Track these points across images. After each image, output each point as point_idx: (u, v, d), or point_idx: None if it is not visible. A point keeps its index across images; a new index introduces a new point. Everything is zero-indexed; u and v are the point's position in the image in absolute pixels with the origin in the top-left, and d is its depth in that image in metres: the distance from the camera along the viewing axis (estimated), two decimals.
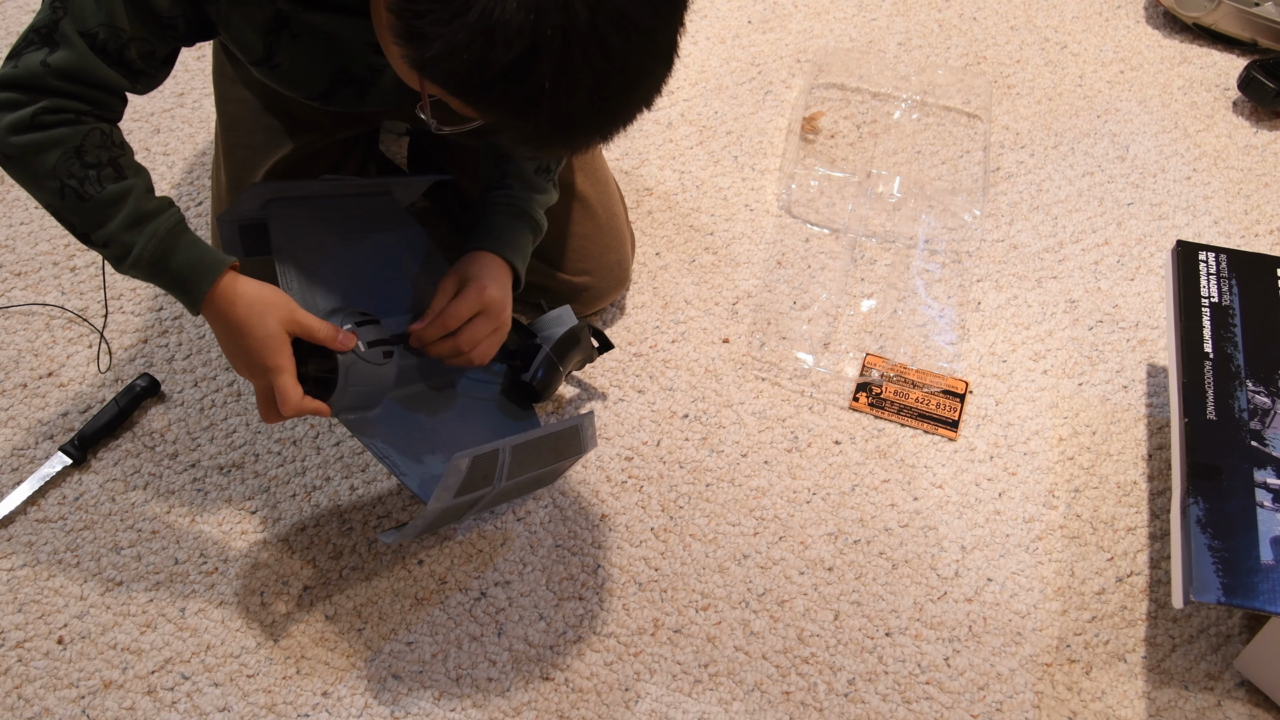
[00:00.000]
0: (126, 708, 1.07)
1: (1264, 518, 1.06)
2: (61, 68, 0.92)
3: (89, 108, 0.96)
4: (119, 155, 0.97)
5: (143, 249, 0.97)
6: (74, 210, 0.96)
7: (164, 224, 0.97)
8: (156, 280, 0.99)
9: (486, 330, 1.11)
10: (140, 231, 0.97)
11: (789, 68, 1.69)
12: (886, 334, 1.38)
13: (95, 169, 0.95)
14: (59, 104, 0.94)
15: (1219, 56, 1.74)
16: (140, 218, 0.97)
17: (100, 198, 0.95)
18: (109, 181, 0.95)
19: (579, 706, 1.09)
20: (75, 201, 0.95)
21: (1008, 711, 1.10)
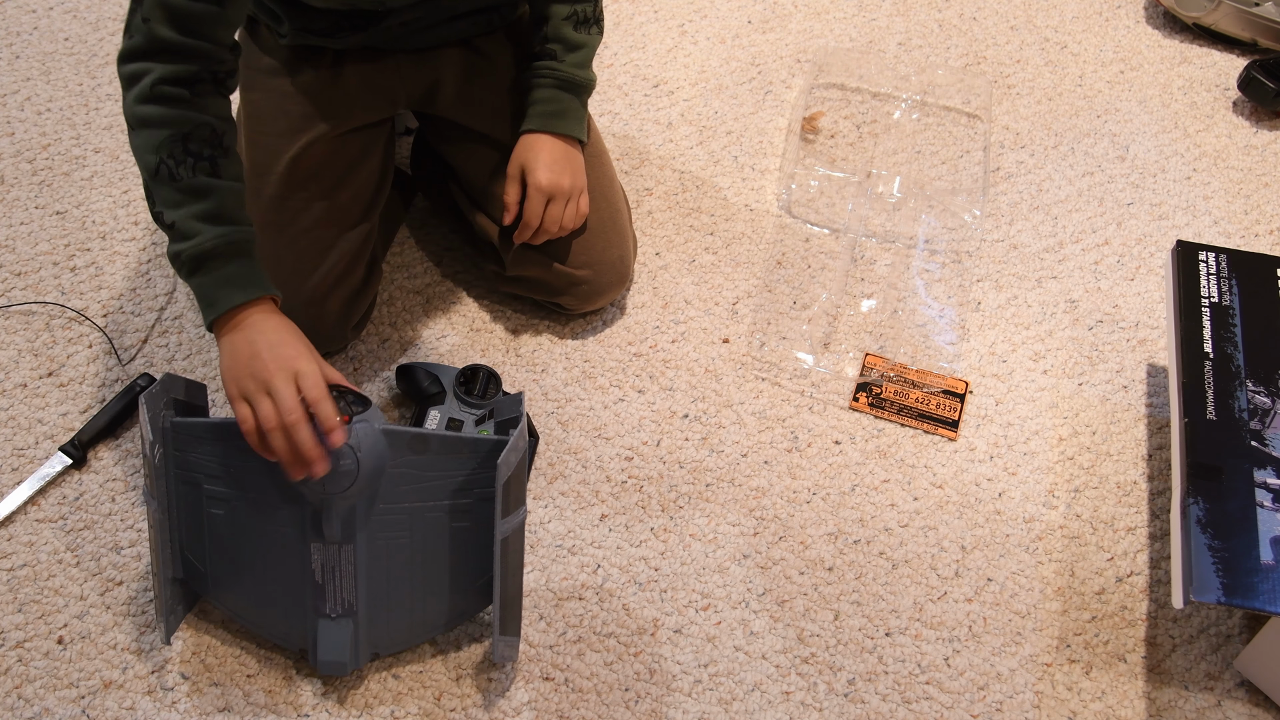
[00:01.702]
0: (126, 708, 1.07)
1: (1264, 518, 1.06)
2: (154, 14, 0.97)
3: (198, 67, 1.00)
4: (220, 156, 1.02)
5: (206, 239, 0.99)
6: (161, 184, 1.00)
7: (239, 233, 1.01)
8: (201, 275, 1.01)
9: (560, 210, 1.20)
10: (214, 226, 1.00)
11: (789, 68, 1.69)
12: (886, 334, 1.38)
13: (194, 159, 1.00)
14: (173, 72, 0.99)
15: (1219, 56, 1.74)
16: (220, 216, 1.01)
17: (189, 183, 1.00)
18: (203, 174, 1.00)
19: (579, 706, 1.09)
20: (167, 179, 1.00)
21: (1008, 711, 1.10)
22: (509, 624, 1.05)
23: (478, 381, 1.24)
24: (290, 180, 1.21)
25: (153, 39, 0.99)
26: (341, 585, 1.04)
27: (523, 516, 1.03)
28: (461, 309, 1.38)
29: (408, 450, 1.02)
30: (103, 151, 1.52)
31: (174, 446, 1.05)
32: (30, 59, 1.63)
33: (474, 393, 1.22)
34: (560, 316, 1.38)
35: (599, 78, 1.67)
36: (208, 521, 1.07)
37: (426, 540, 1.06)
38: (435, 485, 1.04)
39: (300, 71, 1.22)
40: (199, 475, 1.05)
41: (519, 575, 1.06)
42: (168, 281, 1.39)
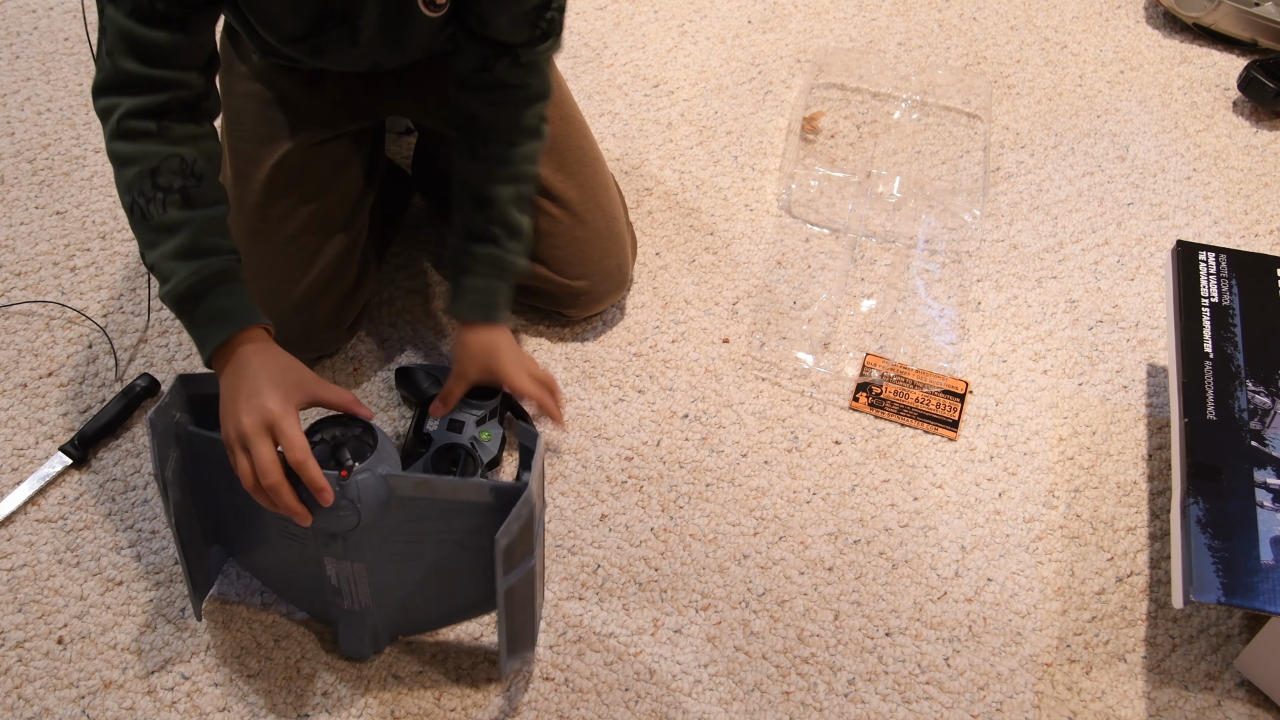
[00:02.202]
0: (126, 708, 1.07)
1: (1264, 518, 1.06)
2: (117, 47, 0.95)
3: (166, 96, 0.97)
4: (192, 186, 0.98)
5: (180, 280, 0.96)
6: (137, 226, 0.98)
7: (212, 265, 0.97)
8: (185, 317, 0.98)
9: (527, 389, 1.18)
10: (186, 264, 0.96)
11: (789, 68, 1.69)
12: (886, 334, 1.38)
13: (164, 193, 0.96)
14: (139, 105, 0.96)
15: (1219, 56, 1.74)
16: (192, 251, 0.97)
17: (160, 220, 0.96)
18: (173, 208, 0.97)
19: (579, 706, 1.09)
20: (140, 219, 0.97)
21: (1008, 711, 1.10)
22: (515, 647, 1.05)
23: None
24: (272, 187, 1.20)
25: (118, 72, 0.96)
26: (356, 590, 1.04)
27: (531, 565, 1.00)
28: None
29: (413, 493, 0.99)
30: (103, 151, 1.52)
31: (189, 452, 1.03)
32: (30, 59, 1.63)
33: (475, 393, 1.21)
34: (559, 318, 1.38)
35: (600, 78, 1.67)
36: (225, 519, 1.07)
37: (439, 559, 1.04)
38: (445, 521, 1.01)
39: (280, 80, 1.21)
40: (215, 481, 1.04)
41: (530, 605, 1.04)
42: None
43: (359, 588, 1.04)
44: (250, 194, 1.20)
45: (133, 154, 0.97)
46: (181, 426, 1.02)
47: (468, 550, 1.03)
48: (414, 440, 1.20)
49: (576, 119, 1.32)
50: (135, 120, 0.97)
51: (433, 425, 1.20)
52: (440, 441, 1.16)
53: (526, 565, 0.99)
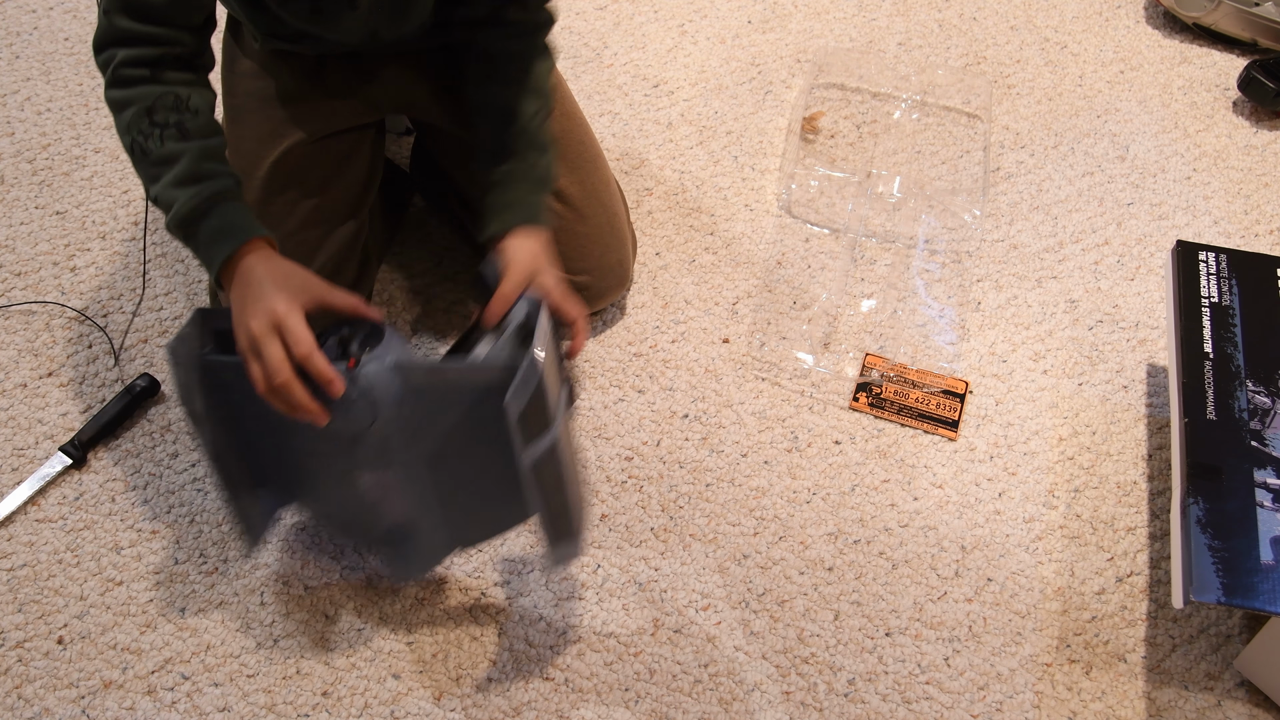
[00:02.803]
0: (126, 708, 1.07)
1: (1264, 518, 1.06)
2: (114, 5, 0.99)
3: (160, 51, 1.01)
4: (188, 119, 1.01)
5: (182, 204, 0.99)
6: (139, 164, 1.01)
7: (211, 187, 1.00)
8: (190, 242, 1.00)
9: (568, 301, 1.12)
10: (187, 189, 0.99)
11: (789, 68, 1.69)
12: (886, 334, 1.38)
13: (160, 128, 1.00)
14: (133, 55, 1.00)
15: (1219, 56, 1.74)
16: (191, 177, 1.00)
17: (159, 154, 1.00)
18: (171, 140, 1.00)
19: (579, 706, 1.09)
20: (140, 156, 1.01)
21: (1008, 711, 1.10)
22: (561, 532, 0.99)
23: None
24: (272, 184, 1.20)
25: (113, 28, 1.00)
26: (393, 503, 1.00)
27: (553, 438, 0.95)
28: (461, 308, 1.38)
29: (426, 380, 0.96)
30: (103, 151, 1.52)
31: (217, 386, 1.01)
32: (30, 59, 1.63)
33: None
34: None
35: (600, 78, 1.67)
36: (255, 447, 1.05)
37: (472, 459, 1.00)
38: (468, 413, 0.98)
39: (281, 75, 1.21)
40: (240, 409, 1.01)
41: (562, 486, 0.98)
42: (167, 282, 1.39)
43: (395, 500, 1.00)
44: (251, 190, 1.20)
45: (129, 97, 1.00)
46: (203, 357, 1.00)
47: (498, 446, 0.98)
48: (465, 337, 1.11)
49: (577, 115, 1.32)
50: (129, 68, 1.00)
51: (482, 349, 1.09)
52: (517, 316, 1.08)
53: (548, 438, 0.94)
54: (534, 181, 1.17)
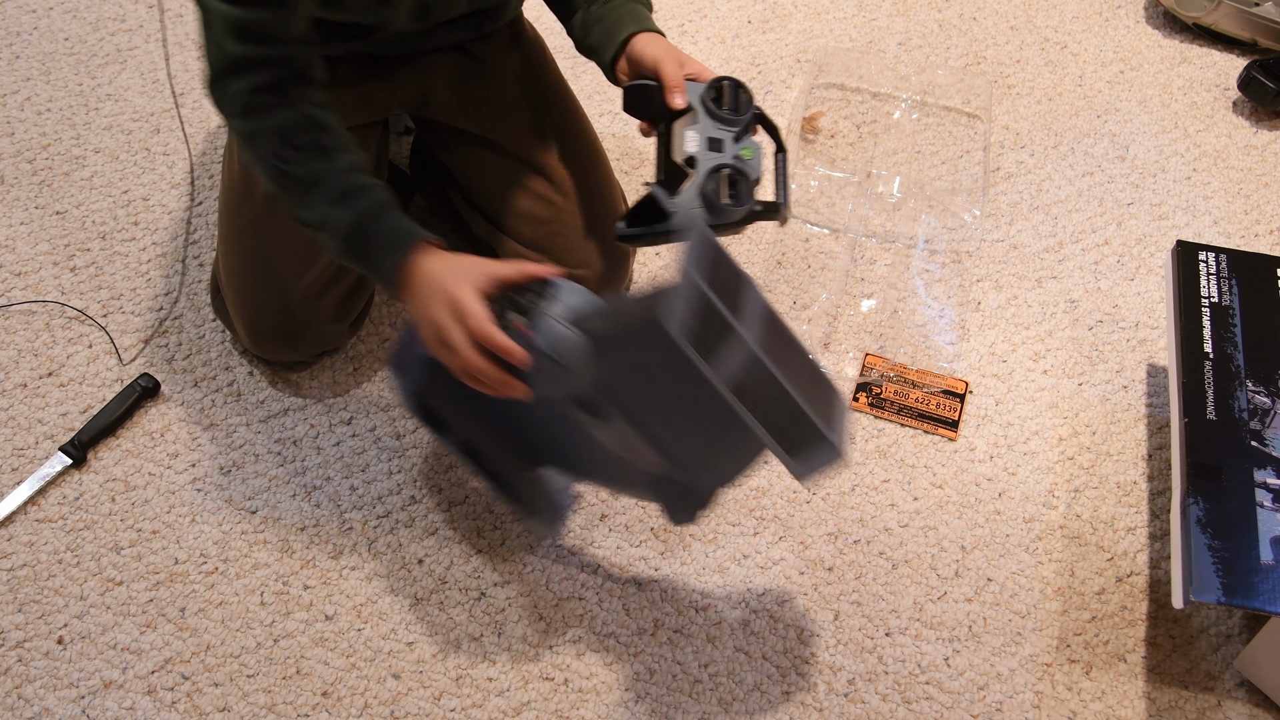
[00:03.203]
0: (126, 708, 1.07)
1: (1264, 518, 1.06)
2: (224, 35, 0.98)
3: (283, 70, 1.00)
4: (325, 136, 1.01)
5: (342, 222, 0.99)
6: (283, 191, 1.02)
7: (366, 199, 1.00)
8: (358, 259, 1.00)
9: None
10: (342, 208, 1.00)
11: (789, 68, 1.69)
12: (886, 334, 1.38)
13: (299, 150, 1.00)
14: (254, 83, 1.00)
15: (1219, 56, 1.74)
16: (344, 194, 1.00)
17: (304, 177, 1.00)
18: (314, 161, 1.00)
19: (579, 706, 1.09)
20: (285, 182, 1.01)
21: (1008, 711, 1.10)
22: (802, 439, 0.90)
23: (725, 94, 1.09)
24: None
25: (228, 58, 0.99)
26: (641, 453, 0.97)
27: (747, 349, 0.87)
28: None
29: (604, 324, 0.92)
30: (103, 151, 1.52)
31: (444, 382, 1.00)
32: (30, 59, 1.63)
33: (724, 105, 1.09)
34: None
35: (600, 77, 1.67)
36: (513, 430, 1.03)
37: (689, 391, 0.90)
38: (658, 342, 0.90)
39: None
40: (478, 400, 0.99)
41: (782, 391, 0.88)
42: (167, 281, 1.39)
43: (640, 450, 0.96)
44: (259, 186, 1.21)
45: (261, 126, 1.01)
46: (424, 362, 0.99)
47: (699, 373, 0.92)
48: (669, 167, 1.08)
49: (579, 110, 1.33)
50: (255, 96, 1.00)
51: (691, 146, 1.07)
52: (708, 162, 1.06)
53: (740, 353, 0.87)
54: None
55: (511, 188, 1.29)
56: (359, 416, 1.28)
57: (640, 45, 1.11)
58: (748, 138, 1.10)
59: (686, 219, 1.03)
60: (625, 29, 1.12)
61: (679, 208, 1.04)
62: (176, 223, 1.45)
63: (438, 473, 1.24)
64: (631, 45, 1.12)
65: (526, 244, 1.29)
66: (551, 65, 1.34)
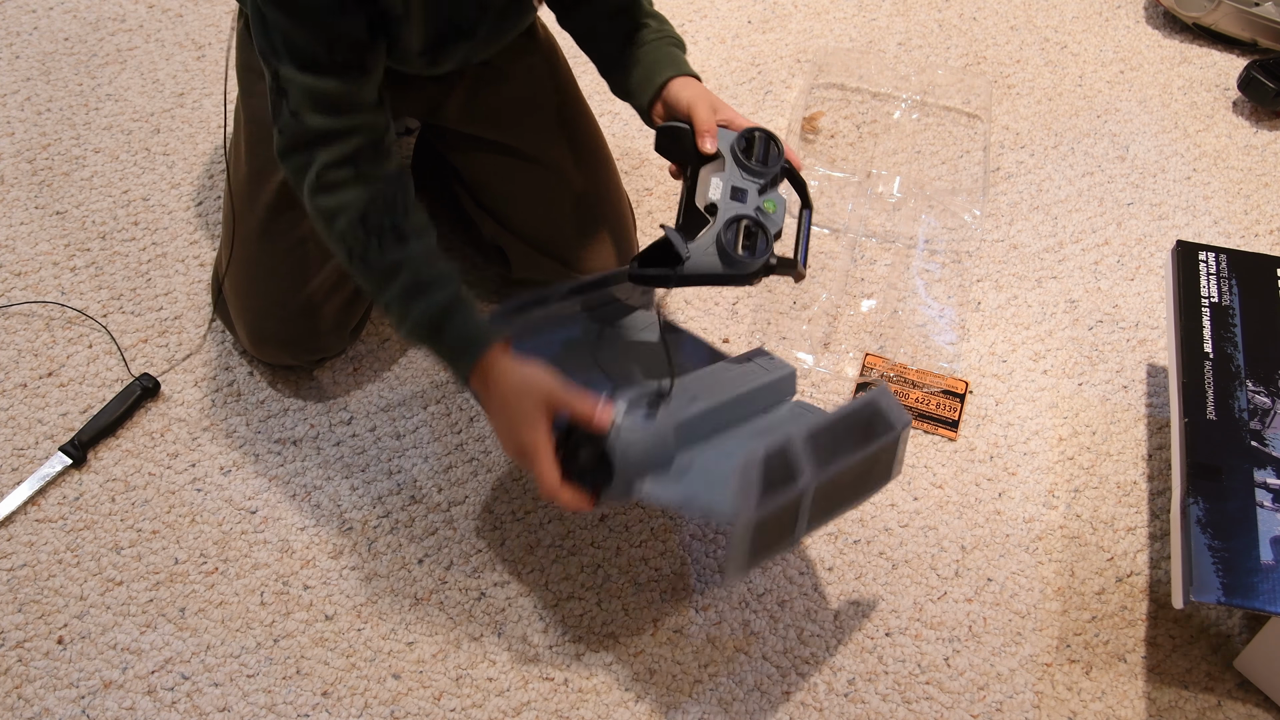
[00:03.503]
0: (126, 708, 1.07)
1: (1264, 518, 1.06)
2: (302, 105, 0.98)
3: (358, 138, 1.00)
4: (401, 219, 1.01)
5: (418, 319, 1.00)
6: (360, 273, 1.02)
7: (441, 298, 1.00)
8: (430, 350, 1.03)
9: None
10: (417, 301, 1.00)
11: (789, 68, 1.69)
12: (886, 334, 1.38)
13: (377, 236, 1.00)
14: (333, 157, 0.99)
15: (1219, 56, 1.74)
16: (418, 288, 1.00)
17: (381, 264, 1.00)
18: (391, 248, 1.00)
19: (579, 707, 1.09)
20: (361, 267, 1.01)
21: (1008, 711, 1.10)
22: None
23: (756, 145, 1.10)
24: (288, 189, 1.21)
25: (306, 130, 0.99)
26: None
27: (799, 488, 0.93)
28: None
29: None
30: (103, 151, 1.52)
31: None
32: (30, 59, 1.63)
33: (754, 156, 1.09)
34: None
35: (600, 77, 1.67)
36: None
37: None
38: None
39: None
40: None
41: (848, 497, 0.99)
42: (167, 281, 1.39)
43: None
44: (266, 193, 1.21)
45: (339, 205, 1.00)
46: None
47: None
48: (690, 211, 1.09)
49: (590, 113, 1.34)
50: (332, 172, 1.00)
51: (714, 193, 1.08)
52: (728, 212, 1.06)
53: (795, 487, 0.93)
54: (670, 41, 1.17)
55: (522, 189, 1.29)
56: (359, 416, 1.28)
57: (676, 89, 1.12)
58: (773, 190, 1.11)
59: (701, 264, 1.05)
60: (662, 73, 1.13)
61: (693, 253, 1.05)
62: (176, 223, 1.45)
63: (438, 473, 1.24)
64: (667, 89, 1.13)
65: (536, 246, 1.29)
66: (564, 67, 1.34)
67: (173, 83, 1.60)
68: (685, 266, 1.06)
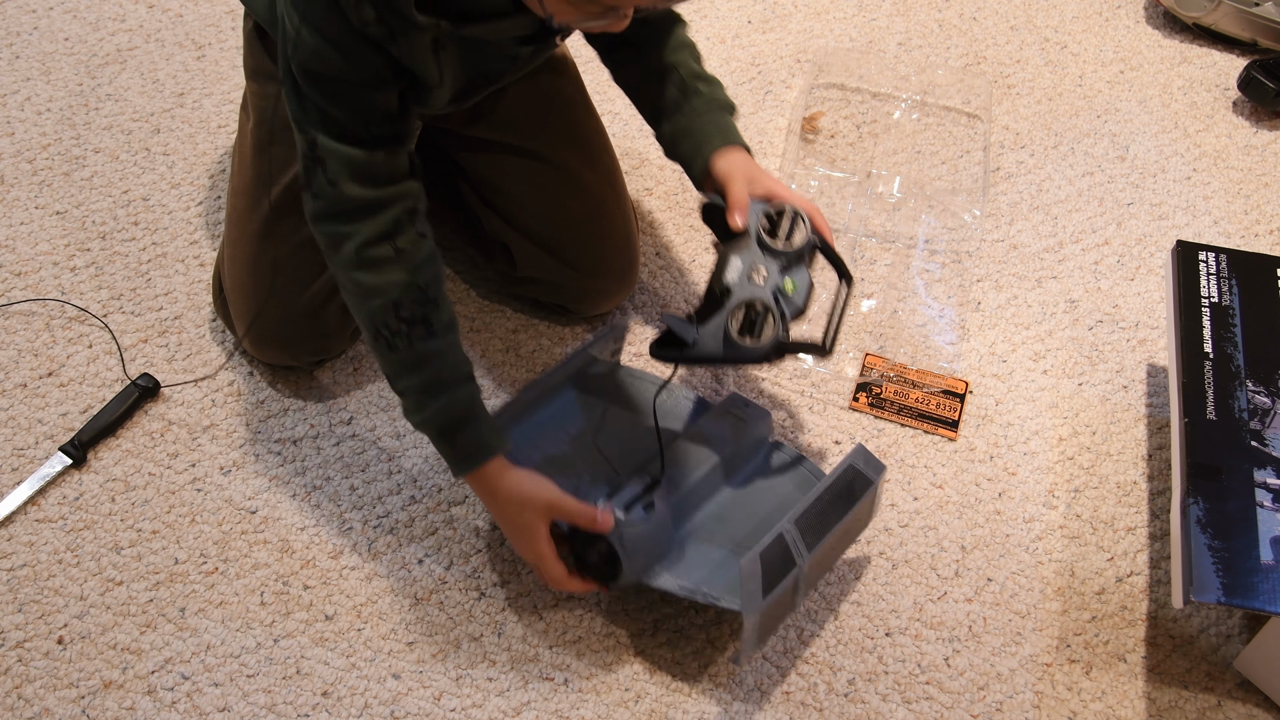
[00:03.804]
0: (126, 708, 1.07)
1: (1264, 518, 1.06)
2: (340, 175, 0.99)
3: (398, 208, 1.01)
4: (431, 312, 1.02)
5: (431, 417, 1.03)
6: (383, 357, 1.04)
7: (459, 401, 1.04)
8: (436, 446, 1.06)
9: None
10: (435, 400, 1.03)
11: (789, 68, 1.69)
12: (886, 334, 1.38)
13: (408, 325, 1.01)
14: (374, 231, 1.00)
15: (1219, 56, 1.75)
16: (439, 387, 1.03)
17: (407, 356, 1.02)
18: (419, 340, 1.02)
19: (579, 707, 1.09)
20: (386, 350, 1.03)
21: (1008, 711, 1.10)
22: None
23: (779, 222, 1.10)
24: (294, 192, 1.20)
25: (344, 200, 0.99)
26: None
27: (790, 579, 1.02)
28: (461, 309, 1.38)
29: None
30: (103, 151, 1.52)
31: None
32: (30, 59, 1.63)
33: (777, 234, 1.10)
34: (561, 317, 1.38)
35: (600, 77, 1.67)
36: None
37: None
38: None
39: None
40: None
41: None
42: (167, 281, 1.39)
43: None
44: (271, 194, 1.21)
45: (376, 286, 1.01)
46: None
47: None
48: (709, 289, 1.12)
49: (597, 115, 1.34)
50: (373, 248, 1.00)
51: (731, 274, 1.09)
52: (740, 295, 1.08)
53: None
54: (718, 108, 1.18)
55: (530, 188, 1.29)
56: (359, 416, 1.28)
57: (719, 161, 1.14)
58: (799, 267, 1.11)
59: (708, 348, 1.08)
60: (710, 146, 1.15)
61: (701, 336, 1.08)
62: (176, 223, 1.45)
63: (438, 472, 1.24)
64: (714, 161, 1.14)
65: (541, 245, 1.29)
66: (573, 70, 1.34)
67: (173, 83, 1.60)
68: (695, 350, 1.09)
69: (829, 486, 1.06)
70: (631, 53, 1.20)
